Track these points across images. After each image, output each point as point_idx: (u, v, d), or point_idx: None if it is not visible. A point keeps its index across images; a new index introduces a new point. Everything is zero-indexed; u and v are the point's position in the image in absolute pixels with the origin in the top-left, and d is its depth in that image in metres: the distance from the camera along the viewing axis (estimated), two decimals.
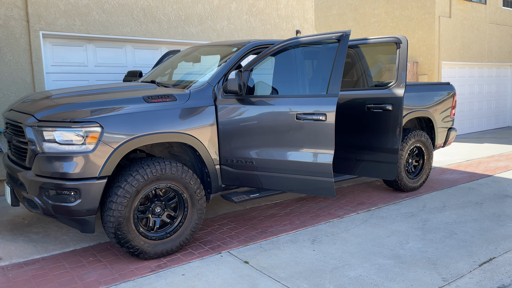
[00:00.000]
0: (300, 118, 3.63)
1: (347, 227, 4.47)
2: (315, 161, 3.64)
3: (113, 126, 3.36)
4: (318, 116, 3.56)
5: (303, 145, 3.66)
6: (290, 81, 3.80)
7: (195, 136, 3.77)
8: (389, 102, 4.30)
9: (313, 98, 3.59)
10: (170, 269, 3.47)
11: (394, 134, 4.29)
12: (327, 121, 3.53)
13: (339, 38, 3.62)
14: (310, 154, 3.66)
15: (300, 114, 3.64)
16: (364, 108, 4.43)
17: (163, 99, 3.69)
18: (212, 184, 3.98)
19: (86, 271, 3.44)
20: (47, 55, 6.06)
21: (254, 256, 3.72)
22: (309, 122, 3.61)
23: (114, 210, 3.37)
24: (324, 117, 3.54)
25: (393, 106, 4.27)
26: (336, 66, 3.54)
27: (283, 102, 3.73)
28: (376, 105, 4.35)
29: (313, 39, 3.72)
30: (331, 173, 3.60)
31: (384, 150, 4.39)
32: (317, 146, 3.61)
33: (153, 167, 3.51)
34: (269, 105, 3.78)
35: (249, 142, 3.89)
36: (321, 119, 3.55)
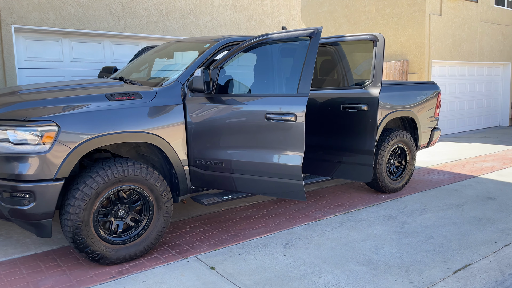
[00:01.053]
0: (270, 118, 3.48)
1: (323, 230, 4.33)
2: (284, 163, 3.49)
3: (70, 125, 3.19)
4: (287, 117, 3.41)
5: (273, 146, 3.52)
6: (261, 80, 3.65)
7: (161, 136, 3.60)
8: (364, 102, 4.15)
9: (283, 98, 3.44)
10: (132, 275, 3.32)
11: (370, 135, 4.14)
12: (296, 121, 3.38)
13: (310, 35, 3.46)
14: (279, 155, 3.51)
15: (270, 114, 3.49)
16: (340, 108, 4.28)
17: (127, 97, 3.52)
18: (180, 186, 3.82)
19: (42, 277, 3.28)
20: (20, 50, 5.87)
21: (222, 262, 3.57)
22: (278, 122, 3.46)
23: (72, 214, 3.20)
24: (294, 117, 3.39)
25: (368, 106, 4.12)
26: (307, 64, 3.38)
27: (252, 101, 3.57)
28: (351, 105, 4.21)
29: (284, 36, 3.57)
30: (301, 176, 3.45)
31: (359, 151, 4.25)
32: (287, 147, 3.46)
33: (114, 169, 3.35)
34: (238, 104, 3.62)
35: (218, 143, 3.74)
36: (291, 120, 3.40)
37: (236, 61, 3.93)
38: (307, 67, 3.38)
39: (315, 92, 4.56)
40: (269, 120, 3.48)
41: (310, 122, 4.47)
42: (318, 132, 4.50)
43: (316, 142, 4.54)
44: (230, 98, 3.67)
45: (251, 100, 3.58)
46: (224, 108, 3.67)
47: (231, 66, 4.13)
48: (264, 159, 3.57)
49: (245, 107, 3.60)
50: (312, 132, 4.51)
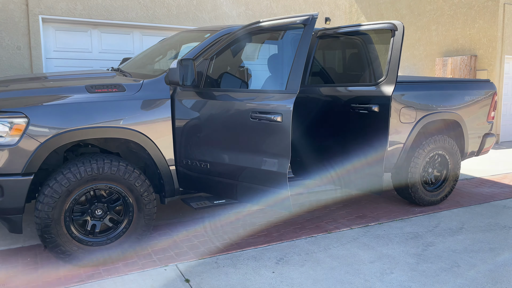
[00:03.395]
0: (255, 118, 3.06)
1: (329, 245, 3.82)
2: (269, 169, 3.06)
3: (41, 118, 3.01)
4: (272, 116, 2.96)
5: (257, 149, 3.10)
6: (252, 74, 3.22)
7: (143, 132, 3.33)
8: (375, 102, 3.55)
9: (270, 95, 3.01)
10: (100, 281, 3.10)
11: (380, 141, 3.54)
12: (282, 122, 2.93)
13: (304, 22, 2.97)
14: (264, 160, 3.08)
15: (255, 113, 3.07)
16: (349, 108, 3.71)
17: (108, 90, 3.29)
18: (165, 187, 3.54)
19: (14, 274, 3.17)
20: (49, 40, 5.95)
21: (201, 274, 3.24)
22: (263, 123, 3.03)
23: (41, 211, 3.05)
24: (280, 117, 2.94)
25: (379, 107, 3.51)
26: (298, 56, 2.91)
27: (238, 98, 3.17)
28: (361, 105, 3.62)
29: (275, 24, 3.11)
30: (286, 184, 3.00)
31: (370, 160, 3.66)
32: (271, 151, 3.02)
33: (88, 166, 3.14)
34: (224, 100, 3.24)
35: (203, 143, 3.39)
36: (276, 120, 2.95)
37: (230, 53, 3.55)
38: (298, 60, 2.90)
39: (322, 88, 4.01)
40: (255, 120, 3.07)
41: (318, 123, 3.96)
42: (327, 135, 3.96)
43: (325, 146, 4.00)
44: (216, 93, 3.30)
45: (236, 96, 3.19)
46: (210, 104, 3.31)
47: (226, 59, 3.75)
48: (248, 163, 3.17)
49: (230, 105, 3.21)
50: (321, 135, 3.98)
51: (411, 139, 4.64)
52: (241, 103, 3.15)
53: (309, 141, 4.01)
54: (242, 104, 3.14)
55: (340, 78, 4.67)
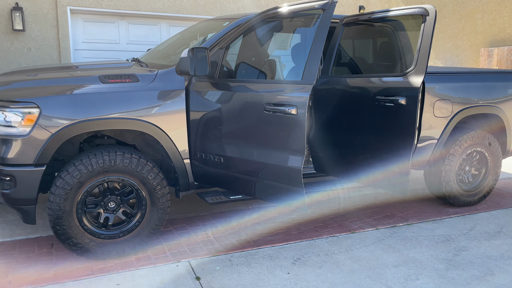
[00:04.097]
0: (269, 110, 2.88)
1: (351, 246, 3.60)
2: (283, 165, 2.88)
3: (53, 108, 2.98)
4: (287, 109, 2.77)
5: (272, 143, 2.92)
6: (269, 63, 3.04)
7: (157, 124, 3.23)
8: (402, 94, 3.25)
9: (285, 86, 2.82)
10: (110, 275, 3.05)
11: (407, 137, 3.25)
12: (297, 115, 2.73)
13: (323, 7, 2.74)
14: (278, 155, 2.90)
15: (269, 105, 2.88)
16: (374, 100, 3.43)
17: (122, 80, 3.21)
18: (180, 181, 3.44)
19: (27, 264, 3.17)
20: (78, 31, 6.00)
21: (213, 272, 3.12)
22: (277, 115, 2.84)
23: (53, 203, 3.02)
24: (295, 110, 2.74)
25: (407, 100, 3.22)
26: (315, 44, 2.69)
27: (253, 89, 3.00)
28: (387, 98, 3.34)
29: (292, 10, 2.91)
30: (301, 182, 2.81)
31: (395, 157, 3.38)
32: (286, 146, 2.84)
33: (100, 158, 3.08)
34: (238, 91, 3.08)
35: (217, 136, 3.26)
36: (291, 113, 2.76)
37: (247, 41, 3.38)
38: (316, 48, 2.69)
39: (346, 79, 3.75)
40: (268, 112, 2.89)
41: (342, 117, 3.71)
42: (351, 129, 3.70)
43: (349, 141, 3.75)
44: (230, 84, 3.15)
45: (250, 87, 3.01)
46: (224, 96, 3.16)
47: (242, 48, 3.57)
48: (262, 158, 3.00)
49: (244, 96, 3.05)
50: (344, 129, 3.73)
51: (446, 135, 4.31)
52: (255, 95, 2.98)
53: (332, 135, 3.78)
54: (256, 96, 2.97)
55: (368, 69, 4.40)
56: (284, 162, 2.88)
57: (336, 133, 3.76)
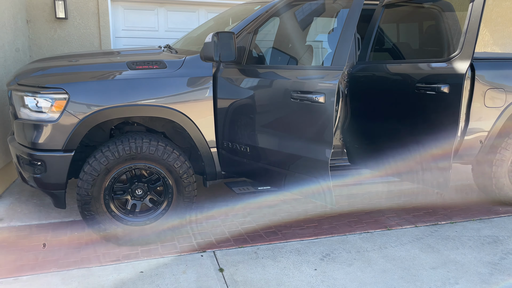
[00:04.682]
0: (296, 98, 2.72)
1: (386, 244, 3.39)
2: (309, 156, 2.71)
3: (80, 95, 2.98)
4: (314, 96, 2.59)
5: (298, 133, 2.76)
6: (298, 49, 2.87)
7: (183, 112, 3.17)
8: (445, 82, 2.94)
9: (312, 72, 2.64)
10: (135, 262, 3.05)
11: (449, 129, 2.95)
12: (325, 103, 2.55)
13: None
14: (304, 146, 2.74)
15: (296, 93, 2.72)
16: (414, 88, 3.14)
17: (149, 66, 3.16)
18: (206, 170, 3.37)
19: (58, 247, 3.24)
20: (118, 19, 6.07)
21: (237, 264, 3.04)
22: (304, 104, 2.67)
23: (81, 188, 3.05)
24: (322, 97, 2.56)
25: (450, 88, 2.91)
26: (346, 27, 2.49)
27: (280, 76, 2.84)
28: (428, 85, 3.04)
29: None
30: (328, 175, 2.63)
31: (435, 151, 3.09)
32: (313, 136, 2.67)
33: (126, 144, 3.06)
34: (265, 78, 2.93)
35: (244, 125, 3.14)
36: (318, 101, 2.58)
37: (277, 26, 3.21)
38: (347, 31, 2.48)
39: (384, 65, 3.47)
40: (295, 100, 2.72)
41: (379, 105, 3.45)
42: (388, 119, 3.44)
43: (385, 132, 3.49)
44: (258, 70, 3.01)
45: (278, 73, 2.86)
46: (251, 83, 3.03)
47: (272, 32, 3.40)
48: (289, 149, 2.85)
49: (271, 83, 2.90)
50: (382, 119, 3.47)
51: (498, 127, 3.93)
52: (282, 82, 2.83)
53: (368, 126, 3.55)
54: (283, 83, 2.81)
55: (411, 55, 4.09)
56: (310, 153, 2.72)
57: (372, 124, 3.53)
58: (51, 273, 2.88)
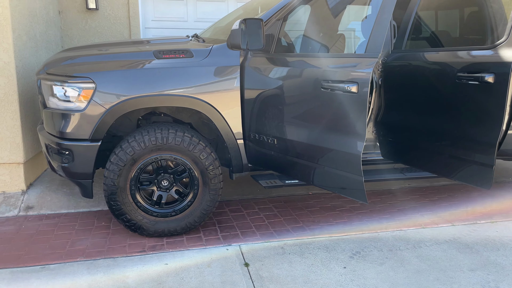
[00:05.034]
0: (326, 88, 2.58)
1: (420, 242, 3.22)
2: (341, 150, 2.57)
3: (107, 84, 2.96)
4: (346, 86, 2.45)
5: (328, 125, 2.63)
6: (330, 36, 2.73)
7: (210, 102, 3.09)
8: (490, 71, 2.71)
9: (345, 60, 2.49)
10: (160, 253, 3.01)
11: (494, 121, 2.72)
12: (358, 93, 2.40)
13: None
14: (335, 139, 2.61)
15: (327, 82, 2.58)
16: (454, 77, 2.92)
17: (176, 55, 3.10)
18: (232, 162, 3.29)
19: (85, 237, 3.26)
20: (148, 9, 6.06)
21: (263, 259, 2.95)
22: (335, 94, 2.53)
23: (107, 178, 3.03)
24: (355, 87, 2.41)
25: (495, 77, 2.68)
26: (382, 12, 2.33)
27: (310, 64, 2.70)
28: (470, 75, 2.82)
29: None
30: (360, 169, 2.49)
31: (477, 145, 2.87)
32: (344, 129, 2.53)
33: (152, 135, 3.02)
34: (294, 67, 2.81)
35: (271, 116, 3.03)
36: (351, 91, 2.43)
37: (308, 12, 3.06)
38: (382, 16, 2.32)
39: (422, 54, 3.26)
40: (326, 90, 2.59)
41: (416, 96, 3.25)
42: (425, 111, 3.23)
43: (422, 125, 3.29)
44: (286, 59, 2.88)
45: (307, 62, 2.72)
46: (280, 72, 2.91)
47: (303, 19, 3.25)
48: (318, 142, 2.72)
49: (300, 72, 2.77)
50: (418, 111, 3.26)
51: None
52: (311, 70, 2.70)
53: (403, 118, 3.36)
54: (313, 72, 2.68)
55: (452, 43, 3.85)
56: (341, 146, 2.58)
57: (408, 116, 3.34)
58: (77, 262, 2.89)
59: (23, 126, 3.79)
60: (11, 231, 3.31)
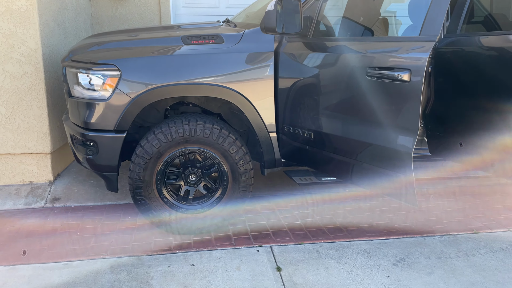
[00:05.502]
0: (372, 76, 2.28)
1: (473, 250, 2.89)
2: (388, 146, 2.28)
3: (133, 72, 2.77)
4: (396, 73, 2.14)
5: (374, 118, 2.33)
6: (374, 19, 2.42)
7: (240, 92, 2.85)
8: None
9: (396, 44, 2.18)
10: (187, 253, 2.83)
11: None
12: (411, 82, 2.09)
13: None
14: (382, 133, 2.31)
15: (373, 69, 2.28)
16: None
17: (205, 41, 2.87)
18: (264, 157, 3.05)
19: (110, 232, 3.12)
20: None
21: (296, 263, 2.71)
22: (383, 82, 2.23)
23: (132, 171, 2.87)
24: (407, 75, 2.11)
25: None
26: None
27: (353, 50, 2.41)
28: None
29: None
30: (411, 168, 2.19)
31: None
32: (393, 122, 2.23)
33: (179, 127, 2.82)
34: (335, 53, 2.52)
35: (308, 107, 2.76)
36: (402, 79, 2.13)
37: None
38: None
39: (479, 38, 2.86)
40: (372, 78, 2.29)
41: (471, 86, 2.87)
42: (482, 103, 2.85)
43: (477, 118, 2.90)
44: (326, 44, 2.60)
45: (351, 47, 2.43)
46: (319, 58, 2.63)
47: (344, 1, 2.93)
48: (361, 137, 2.43)
49: (342, 58, 2.48)
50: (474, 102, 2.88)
51: None
52: (356, 56, 2.40)
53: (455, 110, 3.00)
54: (357, 58, 2.39)
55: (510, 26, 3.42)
56: (389, 142, 2.29)
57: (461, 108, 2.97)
58: (100, 259, 2.75)
59: (50, 116, 3.69)
60: (36, 224, 3.22)
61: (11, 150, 3.64)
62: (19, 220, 3.27)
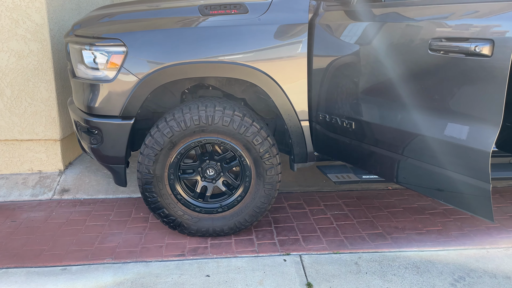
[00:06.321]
0: (437, 50, 1.76)
1: None
2: (456, 142, 1.77)
3: (141, 47, 2.36)
4: (471, 46, 1.62)
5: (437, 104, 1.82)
6: None
7: (267, 72, 2.39)
8: None
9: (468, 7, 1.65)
10: (202, 260, 2.44)
11: None
12: (492, 57, 1.57)
13: None
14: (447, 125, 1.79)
15: (438, 41, 1.76)
16: None
17: (226, 11, 2.41)
18: (294, 149, 2.59)
19: (119, 230, 2.77)
20: None
21: (331, 278, 2.26)
22: (452, 58, 1.71)
23: (141, 164, 2.48)
24: (488, 47, 1.58)
25: None
26: None
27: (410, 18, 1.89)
28: None
29: None
30: (488, 172, 1.68)
31: None
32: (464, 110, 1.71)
33: (195, 113, 2.39)
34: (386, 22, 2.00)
35: (349, 91, 2.27)
36: (480, 53, 1.60)
37: None
38: None
39: None
40: (436, 53, 1.77)
41: None
42: None
43: None
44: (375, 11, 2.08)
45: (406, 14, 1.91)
46: (364, 30, 2.13)
47: None
48: (418, 129, 1.93)
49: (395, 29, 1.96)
50: None
51: None
52: (413, 26, 1.89)
53: None
54: (415, 27, 1.87)
55: None
56: (458, 136, 1.77)
57: None
58: (103, 265, 2.40)
59: (59, 99, 3.36)
60: (40, 219, 2.91)
61: (18, 136, 3.35)
62: (22, 214, 2.98)
